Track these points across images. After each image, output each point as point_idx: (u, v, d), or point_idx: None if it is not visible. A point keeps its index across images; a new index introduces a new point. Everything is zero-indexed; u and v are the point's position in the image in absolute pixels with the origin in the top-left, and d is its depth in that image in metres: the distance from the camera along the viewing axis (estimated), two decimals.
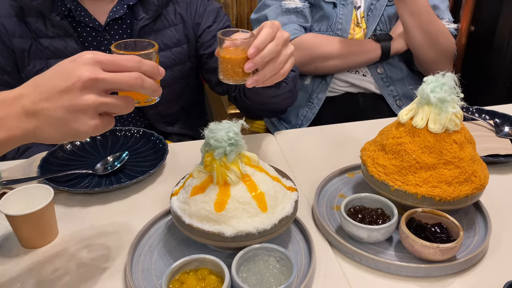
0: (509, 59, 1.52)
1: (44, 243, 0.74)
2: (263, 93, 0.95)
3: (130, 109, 0.59)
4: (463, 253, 0.70)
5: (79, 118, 0.55)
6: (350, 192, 0.85)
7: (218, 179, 0.65)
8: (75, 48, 1.03)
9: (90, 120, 0.55)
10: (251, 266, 0.64)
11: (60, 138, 0.56)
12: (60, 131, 0.55)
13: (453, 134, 0.72)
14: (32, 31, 1.02)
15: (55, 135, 0.56)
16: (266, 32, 0.74)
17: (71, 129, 0.55)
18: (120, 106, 0.57)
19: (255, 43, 0.73)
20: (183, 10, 1.11)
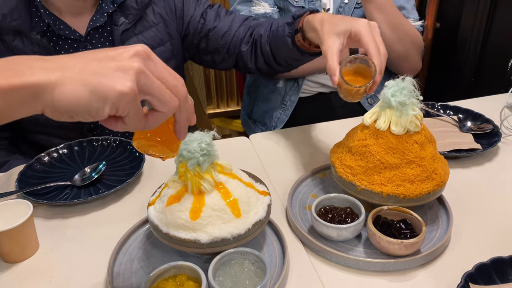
0: (472, 54, 1.58)
1: (24, 257, 0.75)
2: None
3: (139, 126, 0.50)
4: (427, 246, 0.74)
5: (117, 76, 0.46)
6: (321, 192, 0.89)
7: (193, 188, 0.68)
8: None
9: (129, 81, 0.46)
10: (227, 270, 0.67)
11: (82, 97, 0.45)
12: (88, 86, 0.45)
13: (414, 135, 0.76)
14: (9, 49, 1.02)
15: (78, 91, 0.45)
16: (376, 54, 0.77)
17: (103, 86, 0.45)
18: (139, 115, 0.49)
19: (376, 79, 0.77)
20: (161, 9, 1.12)
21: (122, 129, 0.50)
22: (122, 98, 0.46)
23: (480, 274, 0.65)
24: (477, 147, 0.99)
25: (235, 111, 2.30)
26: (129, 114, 0.48)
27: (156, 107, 0.50)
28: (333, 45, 0.80)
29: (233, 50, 1.13)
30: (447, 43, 1.65)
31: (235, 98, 2.33)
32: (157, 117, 0.51)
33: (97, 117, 0.47)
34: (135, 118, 0.49)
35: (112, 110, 0.47)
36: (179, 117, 0.54)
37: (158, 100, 0.50)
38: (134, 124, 0.49)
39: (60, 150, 1.01)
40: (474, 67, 1.60)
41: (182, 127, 0.55)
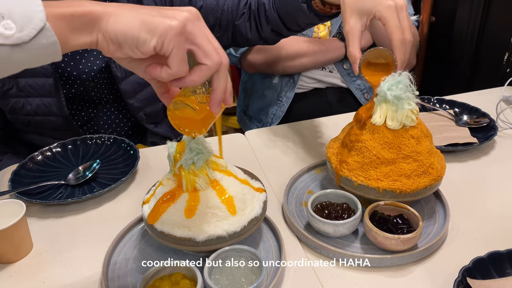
0: (468, 48, 1.58)
1: (18, 258, 0.74)
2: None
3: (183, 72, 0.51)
4: (424, 241, 0.74)
5: (167, 18, 0.49)
6: (318, 188, 0.88)
7: (187, 186, 0.67)
8: (46, 68, 1.01)
9: (177, 21, 0.49)
10: (223, 268, 0.67)
11: (133, 27, 0.48)
12: (139, 19, 0.48)
13: (410, 130, 0.75)
14: None
15: (130, 21, 0.48)
16: (399, 46, 0.74)
17: (153, 20, 0.48)
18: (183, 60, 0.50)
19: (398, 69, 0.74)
20: (151, 2, 1.10)
21: (167, 76, 0.51)
22: (169, 31, 0.48)
23: (478, 268, 0.65)
24: (473, 141, 0.99)
25: (231, 108, 2.29)
26: (173, 52, 0.49)
27: (200, 58, 0.51)
28: (354, 26, 0.76)
29: (226, 25, 1.09)
30: (443, 37, 1.65)
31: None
32: (200, 71, 0.52)
33: (143, 49, 0.49)
34: (179, 58, 0.50)
35: (158, 43, 0.48)
36: (217, 83, 0.54)
37: (203, 51, 0.51)
38: (177, 66, 0.50)
39: (53, 149, 1.00)
40: (470, 61, 1.60)
41: (217, 96, 0.55)
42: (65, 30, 0.46)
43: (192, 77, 0.52)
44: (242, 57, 1.35)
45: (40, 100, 1.04)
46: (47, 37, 0.45)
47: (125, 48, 0.49)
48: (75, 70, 1.05)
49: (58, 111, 1.05)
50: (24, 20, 0.43)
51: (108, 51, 0.50)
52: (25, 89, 1.02)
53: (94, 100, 1.11)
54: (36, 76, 1.02)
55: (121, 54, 0.50)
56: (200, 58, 0.52)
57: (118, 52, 0.50)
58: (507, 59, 1.46)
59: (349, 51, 0.77)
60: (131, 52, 0.50)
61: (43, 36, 0.44)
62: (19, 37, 0.43)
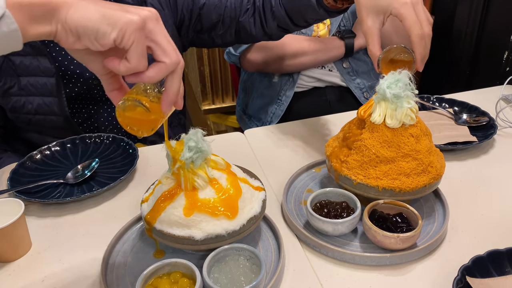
0: (467, 47, 1.58)
1: (17, 257, 0.74)
2: None
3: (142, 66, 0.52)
4: (423, 240, 0.74)
5: (129, 13, 0.50)
6: (317, 186, 0.88)
7: (186, 184, 0.67)
8: (48, 68, 1.01)
9: (138, 16, 0.49)
10: (222, 267, 0.66)
11: (93, 18, 0.48)
12: (100, 12, 0.48)
13: (409, 128, 0.75)
14: None
15: (91, 13, 0.48)
16: (418, 42, 0.74)
17: (114, 14, 0.49)
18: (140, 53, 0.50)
19: (418, 67, 0.75)
20: (156, 2, 1.09)
21: (125, 69, 0.51)
22: (130, 25, 0.48)
23: (477, 267, 0.65)
24: (473, 140, 0.99)
25: (231, 107, 2.30)
26: (133, 46, 0.49)
27: (159, 56, 0.52)
28: (372, 26, 0.76)
29: (229, 22, 1.09)
30: (442, 36, 1.64)
31: (230, 94, 2.32)
32: (158, 68, 0.52)
33: (102, 41, 0.49)
34: (138, 53, 0.50)
35: (119, 36, 0.49)
36: (170, 83, 0.54)
37: (162, 49, 0.51)
38: (137, 60, 0.50)
39: (52, 147, 1.00)
40: (470, 60, 1.59)
41: (170, 96, 0.55)
42: (24, 19, 0.46)
43: (149, 73, 0.52)
44: (242, 56, 1.35)
45: (41, 99, 1.03)
46: (7, 25, 0.45)
47: (84, 40, 0.49)
48: (78, 68, 1.05)
49: (59, 111, 1.05)
50: None
51: (66, 42, 0.50)
52: (26, 88, 1.02)
53: (96, 98, 1.11)
54: (38, 75, 1.02)
55: (80, 46, 0.50)
56: (158, 55, 0.52)
57: (76, 43, 0.50)
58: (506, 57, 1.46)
59: (369, 50, 0.77)
60: (90, 44, 0.49)
61: (4, 24, 0.44)
62: None
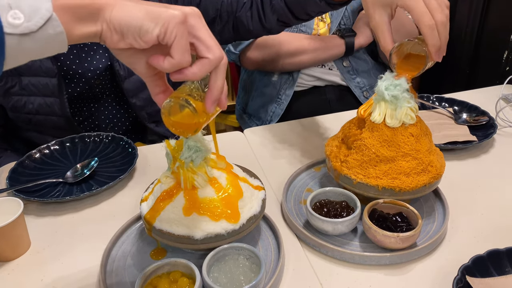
0: (467, 46, 1.58)
1: (16, 256, 0.74)
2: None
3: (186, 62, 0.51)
4: (423, 239, 0.74)
5: (170, 9, 0.50)
6: (316, 186, 0.88)
7: (186, 184, 0.67)
8: (50, 68, 1.01)
9: (180, 11, 0.50)
10: (221, 266, 0.66)
11: (137, 16, 0.49)
12: (143, 9, 0.49)
13: (409, 128, 0.75)
14: None
15: (134, 11, 0.49)
16: (429, 32, 0.69)
17: (156, 10, 0.49)
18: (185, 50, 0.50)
19: (434, 59, 0.71)
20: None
21: (169, 66, 0.51)
22: (172, 19, 0.49)
23: (477, 266, 0.65)
24: (472, 139, 0.99)
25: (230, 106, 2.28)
26: (176, 40, 0.49)
27: (202, 52, 0.51)
28: (381, 20, 0.73)
29: (226, 17, 1.08)
30: None
31: (229, 93, 2.31)
32: (201, 64, 0.52)
33: (146, 38, 0.49)
34: (181, 47, 0.50)
35: (161, 31, 0.49)
36: (214, 79, 0.54)
37: (205, 45, 0.51)
38: (180, 55, 0.50)
39: (51, 146, 1.00)
40: (469, 59, 1.59)
41: (214, 94, 0.54)
42: (70, 20, 0.47)
43: (193, 69, 0.52)
44: (242, 54, 1.35)
45: (42, 100, 1.03)
46: (54, 27, 0.45)
47: (128, 38, 0.50)
48: (80, 68, 1.04)
49: (60, 111, 1.04)
50: (31, 10, 0.44)
51: (111, 41, 0.50)
52: (27, 88, 1.02)
53: (97, 96, 1.11)
54: (40, 75, 1.01)
55: (124, 44, 0.50)
56: (201, 51, 0.52)
57: (121, 42, 0.50)
58: (506, 57, 1.46)
59: (381, 46, 0.75)
60: (134, 41, 0.50)
61: (50, 26, 0.45)
62: (27, 26, 0.43)
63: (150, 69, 0.54)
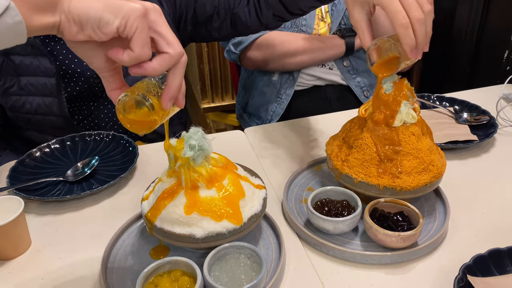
0: (468, 46, 1.57)
1: (16, 254, 0.74)
2: None
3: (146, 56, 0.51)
4: (424, 239, 0.74)
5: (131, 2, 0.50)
6: (317, 185, 0.88)
7: (187, 182, 0.67)
8: (48, 68, 1.01)
9: (140, 5, 0.50)
10: (222, 265, 0.66)
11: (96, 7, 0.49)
12: (103, 1, 0.49)
13: (410, 127, 0.75)
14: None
15: (93, 3, 0.49)
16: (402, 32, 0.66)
17: (117, 3, 0.49)
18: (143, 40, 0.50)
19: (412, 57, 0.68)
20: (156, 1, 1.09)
21: (129, 59, 0.50)
22: (133, 12, 0.48)
23: (478, 266, 0.65)
24: (473, 139, 0.99)
25: (230, 105, 2.29)
26: (136, 33, 0.49)
27: (162, 47, 0.51)
28: (359, 18, 0.72)
29: (224, 14, 1.08)
30: (443, 34, 1.64)
31: (230, 92, 2.31)
32: (161, 59, 0.51)
33: (105, 30, 0.49)
34: (142, 40, 0.50)
35: (122, 24, 0.48)
36: (172, 77, 0.53)
37: (166, 40, 0.51)
38: (140, 48, 0.50)
39: (52, 145, 1.00)
40: (470, 59, 1.59)
41: (171, 91, 0.54)
42: (28, 10, 0.46)
43: (153, 64, 0.51)
44: (242, 54, 1.35)
45: (41, 99, 1.03)
46: (12, 17, 0.45)
47: (87, 29, 0.49)
48: (79, 67, 1.04)
49: (58, 111, 1.04)
50: None
51: (69, 32, 0.49)
52: (26, 88, 1.02)
53: (96, 95, 1.11)
54: (38, 75, 1.01)
55: (83, 36, 0.50)
56: (162, 46, 0.52)
57: (80, 34, 0.49)
58: (507, 56, 1.46)
59: (361, 43, 0.74)
60: (93, 33, 0.49)
61: (8, 16, 0.44)
62: None
63: (108, 63, 0.54)
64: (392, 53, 0.72)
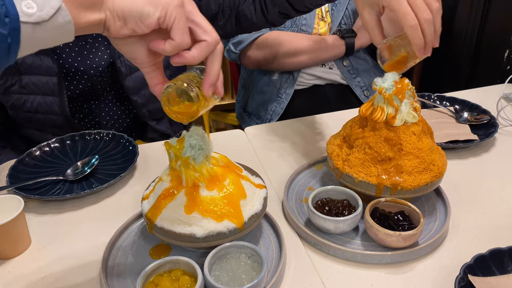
0: (468, 45, 1.57)
1: (16, 254, 0.74)
2: None
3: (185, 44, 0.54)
4: (424, 238, 0.74)
5: None
6: (318, 184, 0.88)
7: (187, 181, 0.66)
8: (51, 67, 1.00)
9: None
10: (223, 264, 0.66)
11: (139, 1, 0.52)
12: None
13: (411, 126, 0.75)
14: None
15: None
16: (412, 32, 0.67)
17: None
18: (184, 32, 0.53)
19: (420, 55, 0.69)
20: None
21: (170, 48, 0.53)
22: (171, 3, 0.52)
23: (479, 265, 0.65)
24: (474, 138, 0.99)
25: (230, 105, 2.28)
26: (176, 22, 0.52)
27: (199, 35, 0.55)
28: (369, 18, 0.73)
29: (229, 11, 1.08)
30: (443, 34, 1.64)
31: (229, 91, 2.31)
32: (200, 47, 0.55)
33: (147, 22, 0.52)
34: (181, 29, 0.53)
35: (162, 14, 0.52)
36: (211, 64, 0.56)
37: (202, 28, 0.54)
38: (180, 36, 0.53)
39: (52, 144, 1.00)
40: (470, 58, 1.59)
41: (211, 78, 0.57)
42: (76, 9, 0.49)
43: (192, 52, 0.54)
44: (242, 53, 1.34)
45: (42, 98, 1.03)
46: (63, 16, 0.47)
47: (130, 23, 0.52)
48: (82, 66, 1.04)
49: (59, 111, 1.04)
50: (42, 0, 0.46)
51: (114, 27, 0.52)
52: (27, 86, 1.02)
53: (98, 93, 1.10)
54: (40, 74, 1.01)
55: (127, 30, 0.53)
56: (199, 35, 0.55)
57: (124, 28, 0.52)
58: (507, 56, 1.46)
59: (373, 42, 0.75)
60: (136, 26, 0.52)
61: (60, 15, 0.47)
62: (40, 15, 0.45)
63: (150, 57, 0.57)
64: (402, 52, 0.73)
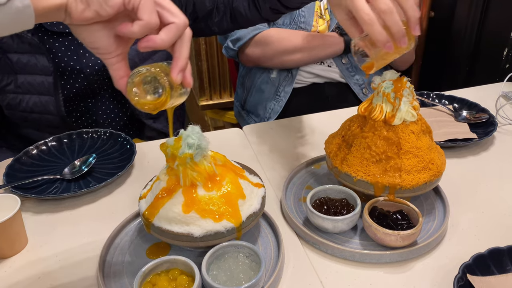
0: (467, 44, 1.57)
1: (13, 253, 0.73)
2: None
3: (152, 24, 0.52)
4: (423, 237, 0.73)
5: None
6: (316, 183, 0.88)
7: (185, 181, 0.66)
8: (46, 66, 1.00)
9: None
10: (221, 264, 0.66)
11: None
12: None
13: (410, 125, 0.75)
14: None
15: None
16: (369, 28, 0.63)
17: None
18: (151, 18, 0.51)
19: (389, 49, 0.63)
20: None
21: (139, 28, 0.51)
22: None
23: (478, 264, 0.64)
24: (473, 137, 0.99)
25: (229, 103, 2.28)
26: (142, 1, 0.50)
27: (167, 18, 0.53)
28: (340, 18, 0.70)
29: (223, 8, 1.07)
30: (442, 32, 1.64)
31: (228, 89, 2.30)
32: (168, 29, 0.53)
33: (111, 3, 0.49)
34: (148, 7, 0.51)
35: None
36: (180, 48, 0.54)
37: (170, 11, 0.53)
38: (148, 14, 0.51)
39: (49, 143, 0.99)
40: (469, 56, 1.59)
41: (180, 63, 0.55)
42: None
43: (161, 35, 0.52)
44: (240, 51, 1.34)
45: (37, 98, 1.02)
46: (21, 1, 0.45)
47: (93, 4, 0.50)
48: (78, 65, 1.03)
49: (55, 110, 1.03)
50: None
51: (76, 11, 0.50)
52: (23, 86, 1.01)
53: (95, 91, 1.10)
54: (36, 73, 1.00)
55: (90, 13, 0.50)
56: (167, 17, 0.53)
57: (86, 10, 0.50)
58: (506, 54, 1.46)
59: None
60: (99, 8, 0.50)
61: (18, 0, 0.45)
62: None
63: (115, 46, 0.54)
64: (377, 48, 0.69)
